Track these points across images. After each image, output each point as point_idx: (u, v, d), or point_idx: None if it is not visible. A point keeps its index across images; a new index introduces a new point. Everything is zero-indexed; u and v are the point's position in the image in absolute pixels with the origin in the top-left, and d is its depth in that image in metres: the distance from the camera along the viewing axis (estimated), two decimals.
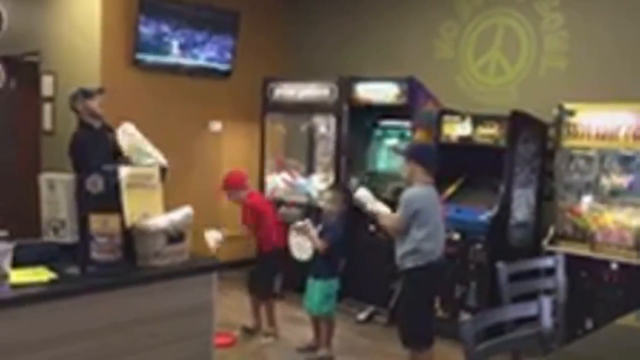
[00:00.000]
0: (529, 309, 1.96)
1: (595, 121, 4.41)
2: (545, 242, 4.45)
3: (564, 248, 4.37)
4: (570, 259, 4.28)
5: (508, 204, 4.63)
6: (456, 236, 4.61)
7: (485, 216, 4.55)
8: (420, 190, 3.60)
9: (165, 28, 5.62)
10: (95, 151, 3.96)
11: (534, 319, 2.25)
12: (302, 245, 4.26)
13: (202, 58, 5.97)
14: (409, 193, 3.61)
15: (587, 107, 4.44)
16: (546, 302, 1.96)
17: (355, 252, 5.09)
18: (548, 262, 2.82)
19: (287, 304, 5.03)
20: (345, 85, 5.48)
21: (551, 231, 4.50)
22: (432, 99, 5.26)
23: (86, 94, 4.32)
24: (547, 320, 1.96)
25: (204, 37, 5.91)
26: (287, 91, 5.87)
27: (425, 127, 5.07)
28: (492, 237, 4.53)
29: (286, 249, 4.39)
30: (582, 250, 4.33)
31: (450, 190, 4.86)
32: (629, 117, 4.26)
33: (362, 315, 5.08)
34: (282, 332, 4.61)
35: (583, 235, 4.40)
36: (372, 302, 5.14)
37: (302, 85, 5.77)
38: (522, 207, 4.77)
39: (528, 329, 2.00)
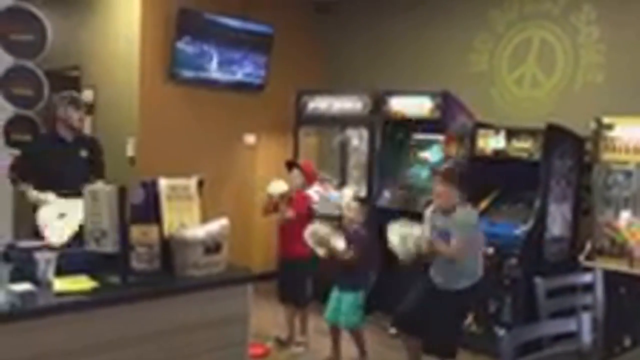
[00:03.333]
0: (568, 325, 1.94)
1: (634, 135, 4.35)
2: (582, 258, 4.38)
3: (601, 263, 4.30)
4: (608, 275, 4.21)
5: (543, 218, 4.57)
6: (490, 251, 4.57)
7: (520, 230, 4.50)
8: (472, 212, 3.62)
9: (202, 44, 5.74)
10: (61, 165, 3.90)
11: (572, 336, 2.23)
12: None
13: (238, 73, 6.07)
14: (467, 216, 3.59)
15: (626, 121, 4.38)
16: (586, 319, 1.94)
17: (385, 265, 5.08)
18: (586, 278, 2.79)
19: (315, 315, 5.02)
20: (379, 99, 5.50)
21: (588, 246, 4.43)
22: (466, 112, 5.24)
23: (76, 103, 4.10)
24: (586, 337, 1.94)
25: (239, 55, 6.03)
26: (321, 104, 5.91)
27: (459, 140, 5.05)
28: (527, 252, 4.47)
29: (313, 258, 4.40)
30: (620, 266, 4.25)
31: (484, 204, 4.82)
32: None
33: (393, 329, 5.04)
34: (312, 344, 4.62)
35: (621, 251, 4.33)
36: None
37: (336, 98, 5.81)
38: (557, 221, 4.71)
39: (566, 345, 1.98)
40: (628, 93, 4.66)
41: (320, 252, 4.12)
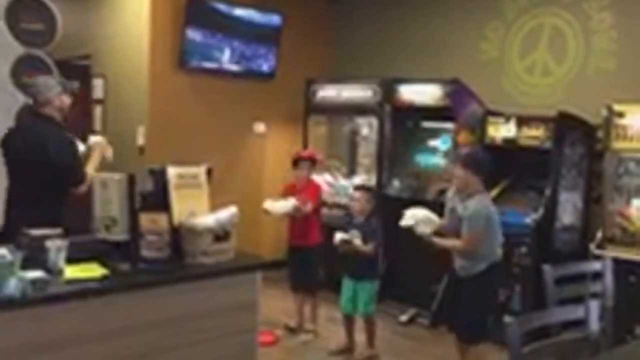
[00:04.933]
0: (576, 312, 1.94)
1: None
2: (592, 246, 4.36)
3: (612, 252, 4.27)
4: (619, 263, 4.19)
5: (554, 206, 4.55)
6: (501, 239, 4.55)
7: (530, 219, 4.48)
8: (485, 201, 3.61)
9: (212, 33, 5.74)
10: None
11: (580, 323, 2.23)
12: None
13: (248, 62, 6.06)
14: (478, 207, 3.57)
15: (637, 109, 4.33)
16: (593, 306, 1.93)
17: (395, 254, 5.09)
18: (596, 265, 2.77)
19: (325, 303, 5.04)
20: (388, 87, 5.48)
21: (599, 235, 4.41)
22: (476, 100, 5.21)
23: (69, 90, 3.72)
24: (594, 324, 1.94)
25: (249, 44, 6.02)
26: (330, 92, 5.90)
27: (469, 128, 5.03)
28: (537, 241, 4.46)
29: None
30: (631, 255, 4.22)
31: (495, 192, 4.80)
32: None
33: (404, 317, 5.06)
34: (322, 332, 4.64)
35: (632, 239, 4.30)
36: (413, 304, 5.12)
37: (345, 86, 5.79)
38: (568, 210, 4.68)
39: (574, 333, 1.98)
40: (639, 80, 4.61)
41: (345, 249, 4.15)
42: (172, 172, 2.77)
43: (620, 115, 4.36)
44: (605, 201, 4.48)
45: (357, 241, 4.11)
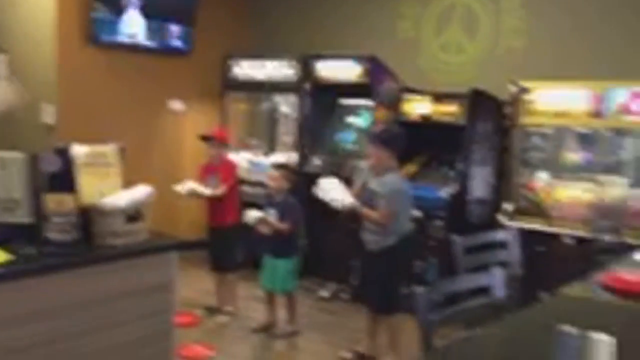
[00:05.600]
0: (481, 280, 2.01)
1: (552, 99, 4.51)
2: (502, 218, 4.55)
3: (521, 223, 4.49)
4: (527, 234, 4.42)
5: (466, 181, 4.71)
6: (417, 213, 4.67)
7: (444, 193, 4.63)
8: (400, 178, 3.67)
9: (123, 7, 5.50)
10: None
11: (487, 291, 2.32)
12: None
13: (162, 38, 5.86)
14: (395, 184, 3.63)
15: (543, 85, 4.53)
16: (498, 273, 2.01)
17: (316, 230, 5.13)
18: (502, 235, 2.89)
19: (247, 282, 5.02)
20: (307, 63, 5.46)
21: (508, 207, 4.61)
22: (393, 77, 5.29)
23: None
24: (499, 290, 2.02)
25: (163, 19, 5.81)
26: (247, 69, 5.82)
27: (386, 105, 5.10)
28: (451, 214, 4.61)
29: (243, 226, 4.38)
30: (538, 225, 4.44)
31: (412, 168, 4.91)
32: (585, 95, 4.36)
33: (325, 293, 5.13)
34: (244, 310, 4.63)
35: (539, 211, 4.52)
36: (334, 279, 5.19)
37: (263, 62, 5.72)
38: (480, 184, 4.86)
39: (481, 299, 2.06)
40: (547, 58, 4.82)
41: (264, 230, 4.13)
42: (79, 151, 2.65)
43: (527, 91, 4.55)
44: (512, 175, 4.68)
45: (272, 218, 4.11)
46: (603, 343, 1.36)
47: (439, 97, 4.77)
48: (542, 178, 4.63)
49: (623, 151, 4.40)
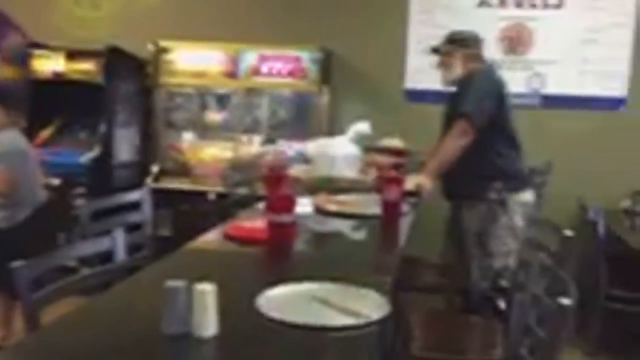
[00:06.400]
0: (99, 245, 1.89)
1: (190, 59, 4.56)
2: (149, 180, 4.49)
3: (167, 184, 4.50)
4: (174, 194, 4.46)
5: (110, 144, 4.49)
6: (56, 181, 4.28)
7: (85, 158, 4.33)
8: (17, 137, 3.21)
9: None
10: None
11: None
12: None
13: None
14: (10, 144, 3.14)
15: (181, 45, 4.55)
16: (119, 236, 1.91)
17: None
18: (134, 196, 2.80)
19: None
20: None
21: (154, 169, 4.56)
22: (20, 32, 4.69)
23: None
24: (121, 254, 1.92)
25: None
26: None
27: (12, 62, 4.52)
28: (95, 180, 4.35)
29: None
30: (183, 185, 4.50)
31: (47, 132, 4.48)
32: (220, 57, 4.52)
33: None
34: None
35: (184, 170, 4.59)
36: None
37: None
38: (125, 146, 4.70)
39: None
40: (183, 18, 4.82)
41: None
42: None
43: (166, 51, 4.52)
44: (158, 136, 4.64)
45: None
46: (206, 292, 1.37)
47: (72, 54, 4.41)
48: (187, 138, 4.70)
49: (257, 110, 4.72)
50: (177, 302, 1.37)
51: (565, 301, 1.35)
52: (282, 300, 1.52)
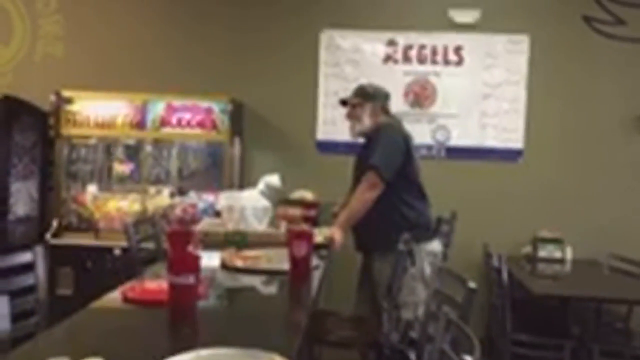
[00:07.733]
0: None
1: (94, 110, 4.42)
2: (48, 236, 4.25)
3: (69, 240, 4.28)
4: (77, 250, 4.23)
5: (6, 198, 4.23)
6: None
7: None
8: None
9: None
10: None
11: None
12: None
13: None
14: None
15: (85, 95, 4.41)
16: (2, 301, 1.75)
17: None
18: (27, 256, 2.61)
19: None
20: None
21: (55, 223, 4.32)
22: None
23: None
24: (5, 324, 1.76)
25: None
26: None
27: None
28: None
29: None
30: (87, 240, 4.29)
31: None
32: (126, 107, 4.41)
33: None
34: None
35: (87, 225, 4.38)
36: None
37: None
38: (23, 200, 4.43)
39: None
40: (87, 67, 4.69)
41: None
42: None
43: (69, 101, 4.36)
44: (60, 188, 4.42)
45: None
46: None
47: None
48: (91, 191, 4.50)
49: (167, 162, 4.60)
50: None
51: (469, 359, 1.35)
52: None
